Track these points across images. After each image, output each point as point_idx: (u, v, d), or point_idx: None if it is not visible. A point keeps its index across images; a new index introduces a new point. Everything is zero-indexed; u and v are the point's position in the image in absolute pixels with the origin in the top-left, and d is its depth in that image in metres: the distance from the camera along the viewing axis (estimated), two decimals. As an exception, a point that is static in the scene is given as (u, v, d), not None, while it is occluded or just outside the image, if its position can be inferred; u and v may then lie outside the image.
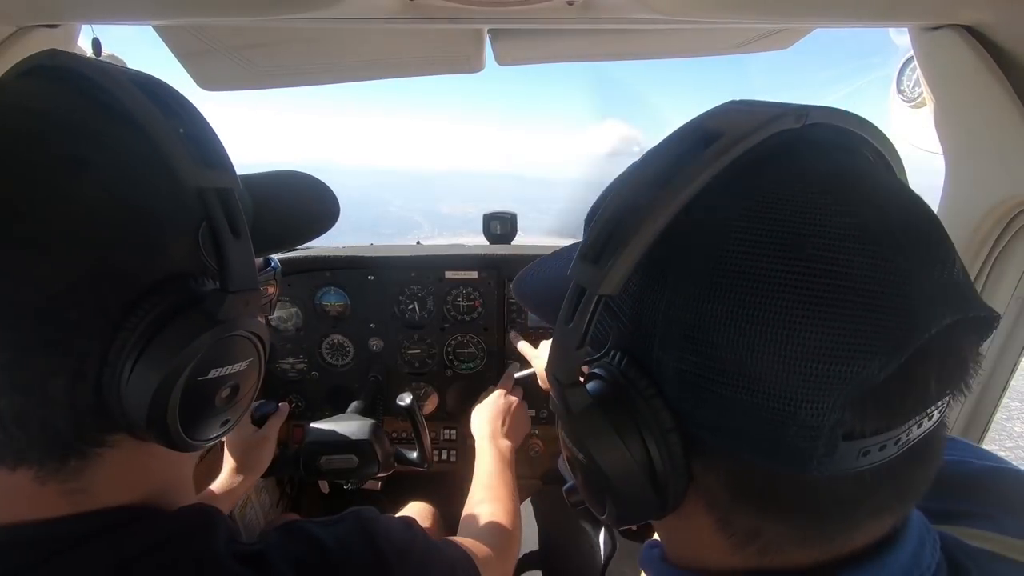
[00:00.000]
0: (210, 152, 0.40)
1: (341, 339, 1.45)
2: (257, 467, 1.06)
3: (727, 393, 0.29)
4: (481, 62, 1.11)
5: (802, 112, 0.30)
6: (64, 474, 0.38)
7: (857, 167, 0.31)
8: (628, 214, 0.31)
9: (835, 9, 0.77)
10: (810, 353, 0.27)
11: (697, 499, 0.34)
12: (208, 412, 0.42)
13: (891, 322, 0.26)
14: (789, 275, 0.27)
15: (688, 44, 1.14)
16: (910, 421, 0.28)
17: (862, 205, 0.28)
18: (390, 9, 0.78)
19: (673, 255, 0.31)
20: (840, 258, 0.27)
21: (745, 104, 0.33)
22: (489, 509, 0.91)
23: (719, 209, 0.30)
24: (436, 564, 0.56)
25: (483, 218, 1.56)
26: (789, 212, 0.28)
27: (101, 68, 0.38)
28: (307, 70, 1.17)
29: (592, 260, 0.31)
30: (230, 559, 0.41)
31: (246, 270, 0.41)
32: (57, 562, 0.37)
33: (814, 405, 0.27)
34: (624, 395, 0.33)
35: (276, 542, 0.45)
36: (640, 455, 0.33)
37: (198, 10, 0.76)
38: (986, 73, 0.74)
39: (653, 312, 0.32)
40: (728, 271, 0.29)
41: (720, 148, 0.29)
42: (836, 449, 0.28)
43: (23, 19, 0.77)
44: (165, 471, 0.45)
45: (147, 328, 0.37)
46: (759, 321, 0.28)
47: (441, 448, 1.51)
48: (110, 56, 0.94)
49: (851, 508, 0.31)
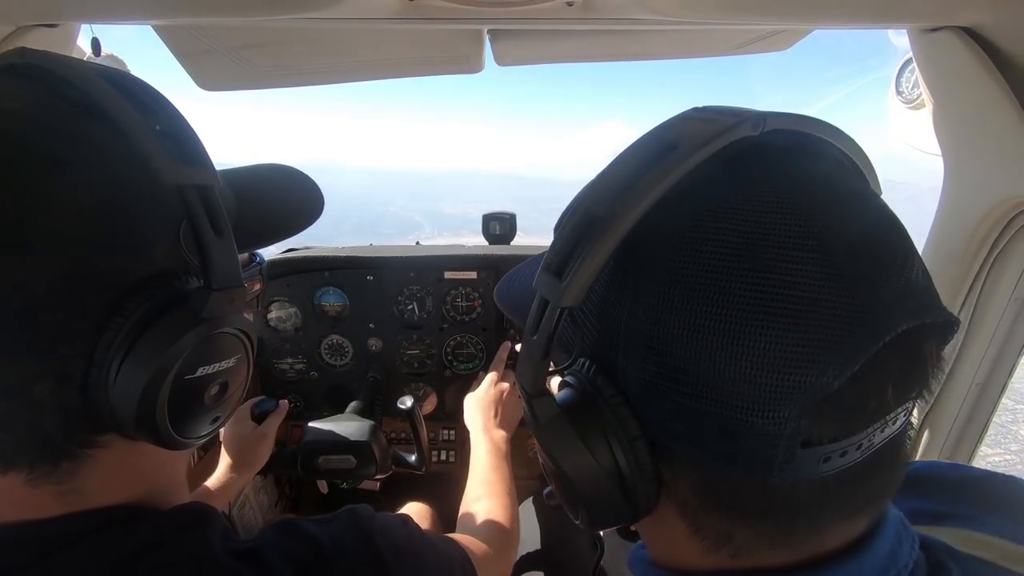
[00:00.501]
0: (188, 148, 0.39)
1: (340, 339, 1.45)
2: (254, 463, 1.06)
3: (686, 402, 0.29)
4: (481, 62, 1.12)
5: (759, 120, 0.30)
6: (57, 476, 0.38)
7: (817, 173, 0.31)
8: (587, 226, 0.31)
9: (834, 10, 0.77)
10: (765, 363, 0.27)
11: (669, 504, 0.34)
12: (197, 410, 0.42)
13: (844, 331, 0.26)
14: (743, 285, 0.28)
15: (687, 45, 1.14)
16: (871, 427, 0.28)
17: (818, 213, 0.28)
18: (390, 9, 0.78)
19: (632, 264, 0.32)
20: (793, 268, 0.27)
21: (704, 112, 0.33)
22: (486, 506, 0.90)
23: (675, 218, 0.30)
24: (433, 561, 0.56)
25: (482, 218, 1.56)
26: (743, 221, 0.28)
27: (72, 66, 0.38)
28: (307, 70, 1.17)
29: (555, 272, 0.32)
30: (226, 556, 0.41)
31: (230, 267, 0.41)
32: (51, 561, 0.37)
33: (770, 415, 0.27)
34: (591, 403, 0.33)
35: (272, 539, 0.45)
36: (607, 462, 0.33)
37: (197, 10, 0.76)
38: (984, 74, 0.75)
39: (616, 321, 0.32)
40: (683, 281, 0.29)
41: (676, 159, 0.30)
42: (795, 456, 0.28)
43: (22, 19, 0.77)
44: (158, 470, 0.45)
45: (132, 328, 0.37)
46: (714, 331, 0.28)
47: (440, 448, 1.51)
48: (109, 56, 0.94)
49: (816, 512, 0.31)
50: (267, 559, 0.43)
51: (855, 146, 0.34)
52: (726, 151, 0.30)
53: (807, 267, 0.27)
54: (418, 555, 0.53)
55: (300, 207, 0.61)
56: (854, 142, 0.34)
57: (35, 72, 0.38)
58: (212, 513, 0.45)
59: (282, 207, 0.60)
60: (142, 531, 0.40)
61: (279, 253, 1.49)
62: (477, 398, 1.19)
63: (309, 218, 0.61)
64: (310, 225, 0.61)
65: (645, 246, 0.31)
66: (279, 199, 0.60)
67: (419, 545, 0.54)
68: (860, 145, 0.34)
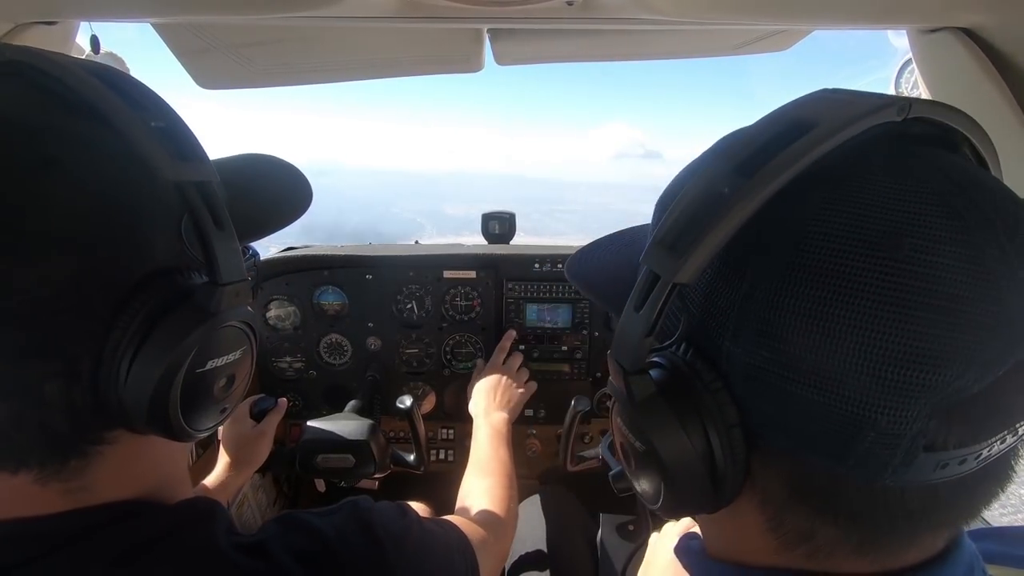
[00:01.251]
0: (185, 145, 0.39)
1: (339, 338, 1.45)
2: (253, 461, 1.06)
3: (799, 392, 0.28)
4: (480, 62, 1.11)
5: (904, 105, 0.29)
6: (66, 474, 0.38)
7: (961, 166, 0.29)
8: (710, 202, 0.29)
9: (834, 11, 0.77)
10: (897, 358, 0.25)
11: (751, 495, 0.33)
12: (208, 402, 0.43)
13: (989, 334, 0.25)
14: (880, 275, 0.26)
15: (687, 45, 1.14)
16: (995, 437, 0.27)
17: (968, 207, 0.27)
18: (389, 8, 0.78)
19: (752, 245, 0.30)
20: (939, 262, 0.25)
21: (841, 93, 0.31)
22: (484, 488, 0.91)
23: (807, 201, 0.29)
24: (433, 549, 0.56)
25: (481, 218, 1.56)
26: (883, 208, 0.27)
27: (63, 64, 0.37)
28: (306, 69, 1.17)
29: (668, 246, 0.30)
30: (232, 550, 0.42)
31: (234, 261, 0.41)
32: (58, 556, 0.37)
33: (897, 413, 0.26)
34: (689, 386, 0.32)
35: (275, 533, 0.46)
36: (702, 448, 0.32)
37: (197, 8, 0.76)
38: (984, 75, 0.74)
39: (726, 304, 0.31)
40: (810, 265, 0.28)
41: (814, 139, 0.28)
42: (915, 460, 0.27)
43: (21, 15, 0.77)
44: (163, 465, 0.45)
45: (140, 326, 0.37)
46: (842, 321, 0.26)
47: (438, 448, 1.51)
48: (108, 54, 0.94)
49: (917, 520, 0.30)
50: (272, 552, 0.43)
51: (987, 139, 0.32)
52: (868, 134, 0.28)
53: (955, 262, 0.25)
54: (419, 545, 0.53)
55: (290, 198, 0.60)
56: (986, 135, 0.32)
57: (26, 72, 0.37)
58: (217, 507, 0.45)
59: (273, 199, 0.59)
60: (147, 526, 0.40)
61: (278, 252, 1.48)
62: (479, 384, 1.20)
63: (299, 209, 0.60)
64: (299, 217, 0.60)
65: (769, 227, 0.29)
66: (269, 191, 0.59)
67: (420, 534, 0.54)
68: (991, 139, 0.33)
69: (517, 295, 1.42)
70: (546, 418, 1.49)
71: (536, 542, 1.18)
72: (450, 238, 2.86)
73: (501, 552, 0.82)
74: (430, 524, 0.59)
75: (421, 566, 0.52)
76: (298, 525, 0.47)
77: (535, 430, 1.50)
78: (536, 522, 1.25)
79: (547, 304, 1.42)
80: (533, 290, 1.41)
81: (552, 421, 1.48)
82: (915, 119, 0.29)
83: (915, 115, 0.29)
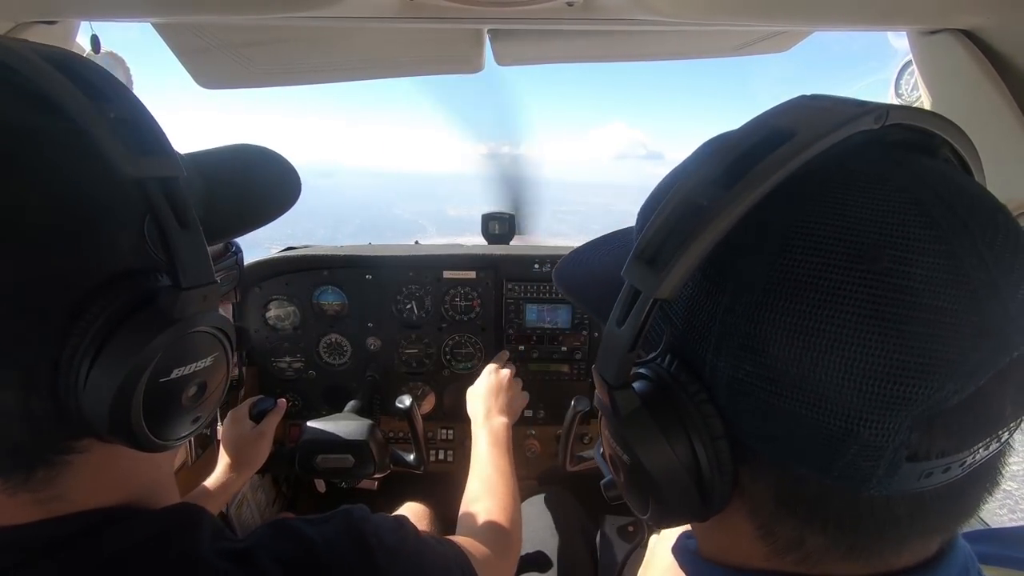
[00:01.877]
0: (146, 137, 0.36)
1: (338, 338, 1.45)
2: (253, 463, 1.05)
3: (783, 405, 0.28)
4: (480, 62, 1.12)
5: (882, 112, 0.28)
6: (33, 483, 0.36)
7: (939, 172, 0.29)
8: (689, 214, 0.29)
9: (834, 13, 0.77)
10: (879, 371, 0.25)
11: (740, 504, 0.33)
12: (175, 412, 0.40)
13: (969, 344, 0.25)
14: (861, 288, 0.26)
15: (687, 46, 1.14)
16: (979, 444, 0.27)
17: (945, 214, 0.26)
18: (390, 8, 0.78)
19: (733, 259, 0.30)
20: (918, 273, 0.25)
21: (818, 100, 0.31)
22: (486, 505, 0.88)
23: (786, 213, 0.29)
24: (428, 563, 0.54)
25: (481, 218, 1.56)
26: (864, 220, 0.27)
27: (14, 50, 0.34)
28: (306, 69, 1.17)
29: (648, 261, 0.30)
30: (215, 556, 0.40)
31: (199, 263, 0.38)
32: (37, 565, 0.36)
33: (879, 425, 0.26)
34: (673, 398, 0.32)
35: (263, 540, 0.44)
36: (688, 460, 0.32)
37: (198, 8, 0.76)
38: (983, 77, 0.75)
39: (708, 318, 0.31)
40: (790, 279, 0.28)
41: (793, 149, 0.27)
42: (898, 470, 0.27)
43: (21, 15, 0.77)
44: (144, 471, 0.44)
45: (98, 332, 0.35)
46: (824, 334, 0.26)
47: (438, 448, 1.51)
48: (108, 53, 0.94)
49: (907, 527, 0.30)
50: (257, 561, 0.42)
51: (968, 143, 0.32)
52: (846, 143, 0.28)
53: (933, 273, 0.25)
54: (413, 558, 0.52)
55: (276, 190, 0.56)
56: (967, 138, 0.32)
57: None
58: (200, 513, 0.44)
59: (257, 191, 0.55)
60: (128, 533, 0.39)
61: (278, 252, 1.49)
62: (476, 389, 1.18)
63: (286, 202, 0.56)
64: (286, 211, 0.56)
65: (748, 240, 0.29)
66: (253, 183, 0.55)
67: (415, 548, 0.53)
68: (972, 141, 0.32)
69: (517, 295, 1.42)
70: (545, 418, 1.49)
71: (536, 543, 1.18)
72: (452, 239, 2.84)
73: (506, 569, 0.80)
74: (428, 539, 0.57)
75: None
76: (288, 533, 0.46)
77: (534, 430, 1.50)
78: (536, 523, 1.25)
79: (547, 304, 1.42)
80: (533, 290, 1.41)
81: (551, 421, 1.48)
82: (894, 125, 0.29)
83: (893, 122, 0.29)
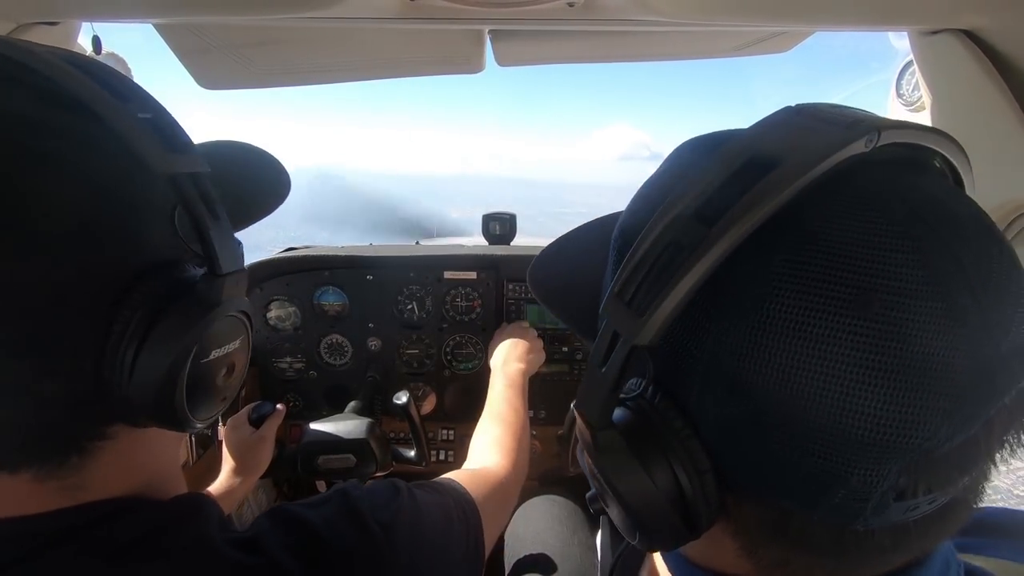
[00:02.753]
0: (173, 136, 0.39)
1: (339, 339, 1.45)
2: (256, 468, 1.06)
3: (771, 447, 0.27)
4: (481, 63, 1.12)
5: (873, 134, 0.27)
6: (64, 470, 0.38)
7: (930, 194, 0.27)
8: (669, 253, 0.28)
9: (835, 13, 0.77)
10: (869, 420, 0.25)
11: (725, 525, 0.33)
12: (210, 392, 0.43)
13: (961, 393, 0.24)
14: (852, 335, 0.25)
15: (688, 46, 1.14)
16: (966, 478, 0.27)
17: (938, 250, 0.25)
18: (391, 9, 0.78)
19: (717, 298, 0.28)
20: (911, 319, 0.24)
21: (804, 118, 0.29)
22: (494, 437, 0.93)
23: (774, 251, 0.27)
24: (429, 523, 0.56)
25: (482, 219, 1.56)
26: (854, 260, 0.25)
27: (43, 57, 0.36)
28: (307, 69, 1.17)
29: (627, 302, 0.29)
30: (225, 545, 0.41)
31: (233, 251, 0.41)
32: (53, 553, 0.37)
33: (868, 472, 0.25)
34: (657, 433, 0.31)
35: (267, 527, 0.45)
36: (673, 493, 0.31)
37: (199, 8, 0.76)
38: (985, 77, 0.75)
39: (692, 358, 0.30)
40: (777, 323, 0.26)
41: (779, 180, 0.26)
42: (886, 510, 0.26)
43: (23, 16, 0.77)
44: (158, 460, 0.45)
45: (143, 319, 0.37)
46: (811, 381, 0.25)
47: (439, 448, 1.51)
48: (110, 54, 0.94)
49: (891, 552, 0.30)
50: (266, 547, 0.43)
51: (960, 152, 0.30)
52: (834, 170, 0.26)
53: (926, 317, 0.24)
54: (412, 524, 0.53)
55: (267, 186, 0.58)
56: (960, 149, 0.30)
57: (11, 67, 0.36)
58: (208, 502, 0.45)
59: (249, 187, 0.57)
60: (142, 522, 0.40)
61: (279, 252, 1.49)
62: (499, 339, 1.22)
63: (277, 197, 0.58)
64: (279, 205, 0.58)
65: (733, 279, 0.28)
66: (244, 179, 0.57)
67: (411, 514, 0.54)
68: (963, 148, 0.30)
69: (518, 296, 1.42)
70: (546, 419, 1.49)
71: (537, 544, 1.18)
72: (454, 240, 2.81)
73: (508, 500, 0.83)
74: (425, 495, 0.59)
75: (415, 545, 0.52)
76: (288, 518, 0.47)
77: (536, 431, 1.50)
78: (537, 524, 1.25)
79: (548, 305, 1.42)
80: (534, 291, 1.41)
81: (552, 422, 1.48)
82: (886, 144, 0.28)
83: (884, 142, 0.27)
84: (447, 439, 1.51)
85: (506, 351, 1.18)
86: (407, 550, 0.50)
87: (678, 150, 0.39)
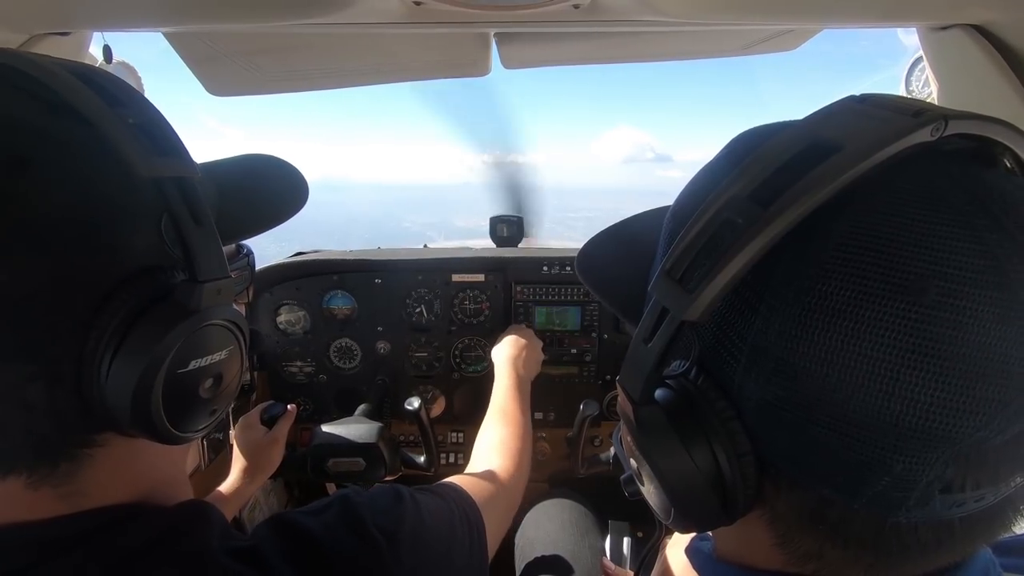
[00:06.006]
0: (162, 140, 0.38)
1: (349, 342, 1.45)
2: (266, 468, 1.06)
3: (814, 431, 0.27)
4: (487, 66, 1.12)
5: (940, 123, 0.26)
6: (56, 478, 0.38)
7: (999, 191, 0.27)
8: (722, 232, 0.27)
9: (843, 10, 0.77)
10: (918, 407, 0.24)
11: (761, 513, 0.33)
12: (194, 403, 0.42)
13: (1017, 384, 0.24)
14: (905, 321, 0.24)
15: (694, 46, 1.14)
16: (1017, 476, 0.26)
17: (1000, 240, 0.24)
18: (397, 14, 0.79)
19: (767, 280, 0.28)
20: (969, 307, 0.24)
21: (869, 106, 0.29)
22: (498, 439, 0.93)
23: (829, 235, 0.27)
24: (431, 531, 0.55)
25: (490, 221, 1.56)
26: (913, 247, 0.25)
27: (32, 61, 0.36)
28: (314, 75, 1.18)
29: (677, 280, 0.29)
30: (224, 555, 0.41)
31: (214, 258, 0.40)
32: (54, 562, 0.37)
33: (914, 460, 0.25)
34: (700, 415, 0.31)
35: (267, 536, 0.45)
36: (712, 475, 0.31)
37: (208, 17, 0.77)
38: (995, 72, 0.74)
39: (739, 338, 0.30)
40: (829, 307, 0.26)
41: (839, 165, 0.26)
42: (930, 501, 0.26)
43: (35, 27, 0.78)
44: (159, 467, 0.45)
45: (119, 325, 0.36)
46: (862, 365, 0.25)
47: (448, 451, 1.51)
48: (121, 63, 0.96)
49: (933, 552, 0.29)
50: (265, 556, 0.43)
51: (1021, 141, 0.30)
52: (896, 156, 0.26)
53: (984, 307, 0.24)
54: (414, 532, 0.52)
55: (283, 194, 0.59)
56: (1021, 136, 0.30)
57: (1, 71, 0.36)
58: (210, 511, 0.44)
59: (265, 195, 0.58)
60: (140, 531, 0.40)
61: (288, 257, 1.50)
62: (504, 339, 1.23)
63: (293, 206, 0.59)
64: (295, 213, 0.59)
65: (785, 261, 0.27)
66: (261, 187, 0.58)
67: (415, 520, 0.54)
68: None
69: (526, 298, 1.42)
70: (555, 421, 1.48)
71: (546, 546, 1.18)
72: (460, 243, 2.78)
73: (511, 502, 0.83)
74: (428, 500, 0.58)
75: (418, 552, 0.51)
76: (288, 526, 0.46)
77: (544, 433, 1.50)
78: (547, 526, 1.24)
79: (556, 307, 1.42)
80: (542, 293, 1.41)
81: (561, 424, 1.47)
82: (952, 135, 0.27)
83: (950, 132, 0.27)
84: (456, 441, 1.52)
85: (514, 350, 1.19)
86: (409, 557, 0.50)
87: (734, 140, 0.38)
